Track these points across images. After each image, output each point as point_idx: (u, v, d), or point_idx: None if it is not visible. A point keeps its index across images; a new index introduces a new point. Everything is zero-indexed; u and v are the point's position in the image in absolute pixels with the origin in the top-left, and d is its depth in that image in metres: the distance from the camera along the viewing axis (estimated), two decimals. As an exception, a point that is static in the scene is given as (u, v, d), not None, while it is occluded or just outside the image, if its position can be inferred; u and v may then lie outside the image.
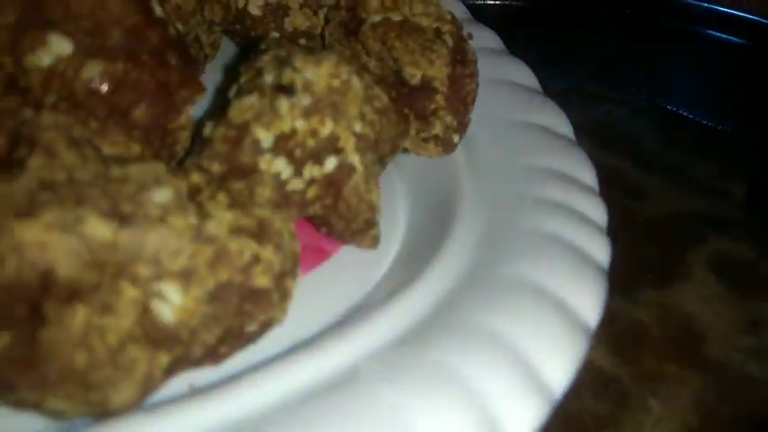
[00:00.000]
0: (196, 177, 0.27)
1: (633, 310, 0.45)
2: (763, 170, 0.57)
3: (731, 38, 0.61)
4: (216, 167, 0.29)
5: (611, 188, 0.54)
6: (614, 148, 0.60)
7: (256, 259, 0.26)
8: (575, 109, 0.66)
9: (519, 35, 0.68)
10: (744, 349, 0.44)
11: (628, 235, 0.51)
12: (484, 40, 0.44)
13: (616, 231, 0.50)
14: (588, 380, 0.41)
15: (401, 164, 0.38)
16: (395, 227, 0.35)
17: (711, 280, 0.48)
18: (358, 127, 0.30)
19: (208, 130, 0.30)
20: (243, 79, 0.31)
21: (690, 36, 0.63)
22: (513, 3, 0.67)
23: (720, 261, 0.50)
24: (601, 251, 0.33)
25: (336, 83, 0.30)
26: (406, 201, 0.36)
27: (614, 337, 0.43)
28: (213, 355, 0.27)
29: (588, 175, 0.37)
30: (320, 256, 0.34)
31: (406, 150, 0.37)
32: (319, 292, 0.31)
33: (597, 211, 0.35)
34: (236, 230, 0.26)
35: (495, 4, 0.67)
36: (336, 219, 0.31)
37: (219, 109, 0.31)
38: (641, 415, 0.39)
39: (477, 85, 0.37)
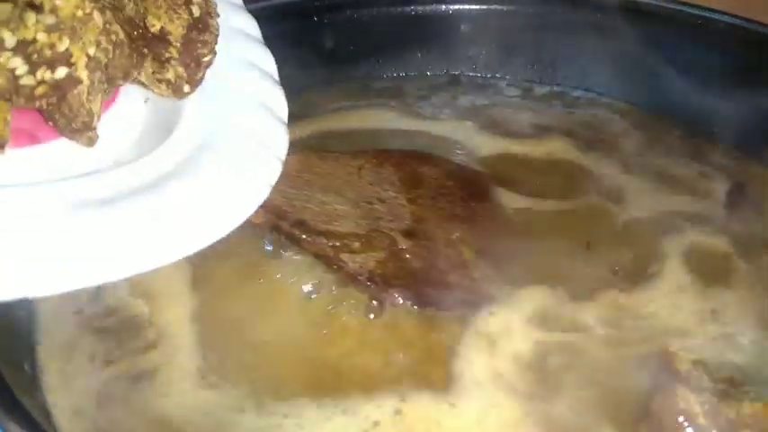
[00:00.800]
0: None
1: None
2: (746, 170, 0.58)
3: (716, 41, 0.61)
4: None
5: (594, 193, 0.54)
6: (599, 152, 0.60)
7: None
8: (559, 113, 0.66)
9: (504, 39, 0.68)
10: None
11: (605, 240, 0.51)
12: (245, 25, 0.52)
13: (594, 238, 0.50)
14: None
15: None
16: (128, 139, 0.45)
17: (682, 273, 0.49)
18: (92, 51, 0.38)
19: None
20: None
21: (675, 39, 0.62)
22: (498, 7, 0.67)
23: (695, 256, 0.51)
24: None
25: (80, 13, 0.38)
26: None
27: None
28: None
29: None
30: (31, 140, 0.42)
31: (144, 84, 0.45)
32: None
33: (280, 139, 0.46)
34: None
35: (480, 9, 0.67)
36: (59, 116, 0.39)
37: None
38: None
39: (212, 53, 0.45)
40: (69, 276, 0.35)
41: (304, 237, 0.47)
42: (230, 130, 0.44)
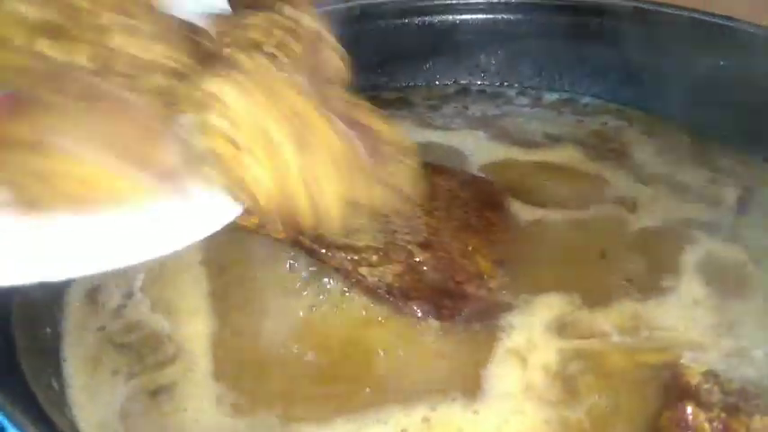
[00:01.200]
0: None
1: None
2: (755, 175, 0.59)
3: (723, 46, 0.61)
4: None
5: (607, 202, 0.55)
6: (609, 160, 0.60)
7: None
8: (569, 121, 0.67)
9: (511, 48, 0.69)
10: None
11: (619, 248, 0.51)
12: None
13: (608, 247, 0.50)
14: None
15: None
16: None
17: (696, 284, 0.50)
18: None
19: None
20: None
21: (682, 45, 0.63)
22: (505, 16, 0.67)
23: (709, 264, 0.51)
24: None
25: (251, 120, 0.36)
26: None
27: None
28: None
29: None
30: None
31: None
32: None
33: None
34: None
35: (486, 18, 0.68)
36: None
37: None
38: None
39: None
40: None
41: (324, 251, 0.48)
42: None
